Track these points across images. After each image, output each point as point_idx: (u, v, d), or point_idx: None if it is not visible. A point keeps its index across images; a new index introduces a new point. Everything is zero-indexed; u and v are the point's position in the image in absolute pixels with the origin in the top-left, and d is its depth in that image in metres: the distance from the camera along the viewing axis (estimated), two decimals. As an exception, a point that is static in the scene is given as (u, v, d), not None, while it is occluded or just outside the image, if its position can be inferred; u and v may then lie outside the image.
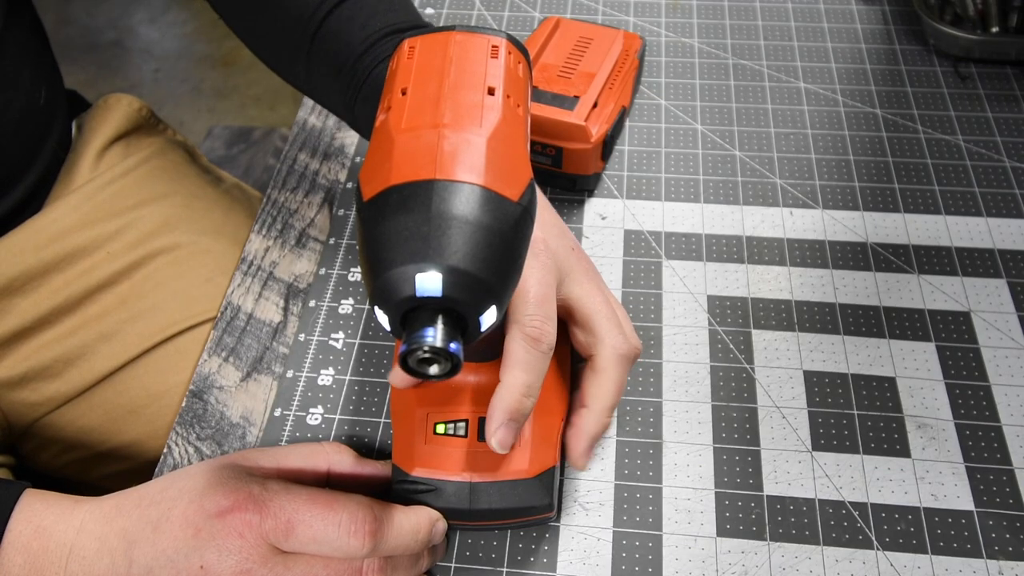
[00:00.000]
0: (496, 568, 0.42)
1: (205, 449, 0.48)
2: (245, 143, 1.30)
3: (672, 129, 0.63)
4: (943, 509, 0.44)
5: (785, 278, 0.54)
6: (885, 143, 0.61)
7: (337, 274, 0.55)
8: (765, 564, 0.42)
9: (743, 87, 0.66)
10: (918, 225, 0.56)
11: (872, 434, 0.46)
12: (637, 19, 0.72)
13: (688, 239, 0.56)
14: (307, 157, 0.63)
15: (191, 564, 0.36)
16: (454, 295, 0.28)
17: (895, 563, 0.42)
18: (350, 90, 0.47)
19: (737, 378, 0.49)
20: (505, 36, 0.36)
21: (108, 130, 0.62)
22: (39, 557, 0.37)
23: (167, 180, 0.63)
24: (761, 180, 0.59)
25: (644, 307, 0.52)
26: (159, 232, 0.60)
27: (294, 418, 0.48)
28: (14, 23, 0.56)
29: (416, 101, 0.32)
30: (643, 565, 0.42)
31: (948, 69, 0.67)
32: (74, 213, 0.58)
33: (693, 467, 0.46)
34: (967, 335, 0.50)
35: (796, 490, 0.44)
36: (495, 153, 0.30)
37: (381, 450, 0.47)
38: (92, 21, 2.09)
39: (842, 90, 0.65)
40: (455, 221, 0.28)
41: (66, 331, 0.56)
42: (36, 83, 0.58)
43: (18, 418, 0.56)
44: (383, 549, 0.37)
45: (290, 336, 0.52)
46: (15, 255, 0.55)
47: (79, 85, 0.74)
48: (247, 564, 0.35)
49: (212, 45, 2.02)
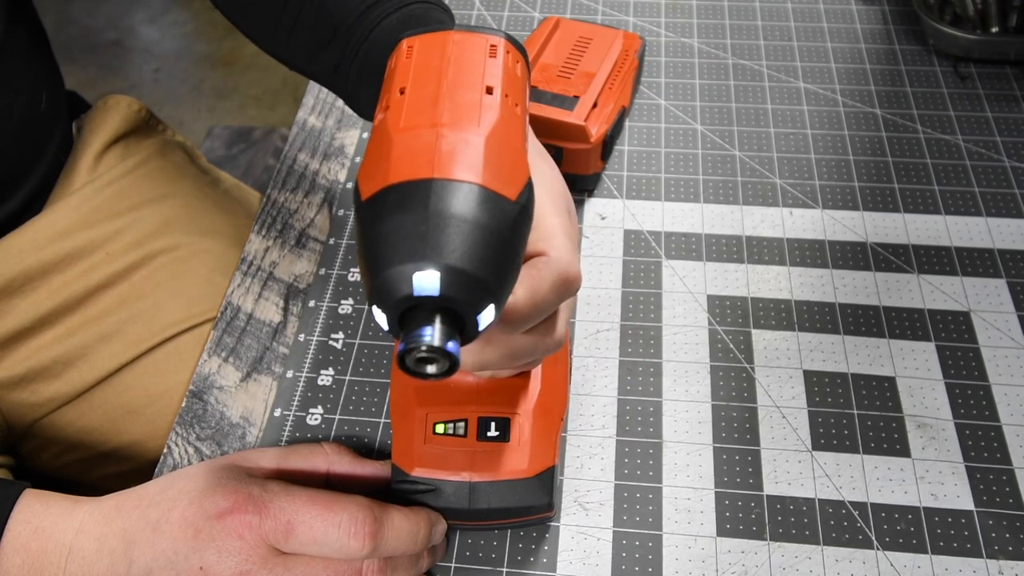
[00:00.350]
0: (496, 568, 0.42)
1: (205, 449, 0.48)
2: (245, 143, 1.31)
3: (672, 129, 0.63)
4: (943, 509, 0.43)
5: (785, 278, 0.54)
6: (885, 143, 0.61)
7: (337, 274, 0.55)
8: (765, 564, 0.42)
9: (743, 87, 0.66)
10: (918, 225, 0.56)
11: (872, 434, 0.46)
12: (637, 19, 0.72)
13: (688, 239, 0.56)
14: (307, 157, 0.63)
15: (191, 565, 0.36)
16: (452, 294, 0.28)
17: (895, 563, 0.42)
18: (347, 51, 0.45)
19: (737, 378, 0.49)
20: (503, 36, 0.36)
21: (107, 131, 0.62)
22: (38, 558, 0.37)
23: (167, 181, 0.63)
24: (761, 180, 0.59)
25: (644, 307, 0.52)
26: (159, 233, 0.60)
27: (294, 418, 0.48)
28: (15, 30, 0.56)
29: (414, 100, 0.32)
30: (643, 565, 0.42)
31: (948, 69, 0.67)
32: (74, 214, 0.58)
33: (693, 467, 0.46)
34: (967, 335, 0.50)
35: (796, 490, 0.44)
36: (493, 152, 0.30)
37: (381, 450, 0.47)
38: (92, 21, 2.09)
39: (842, 90, 0.65)
40: (453, 220, 0.28)
41: (66, 331, 0.56)
42: (37, 88, 0.58)
43: (18, 419, 0.56)
44: (383, 550, 0.37)
45: (290, 336, 0.52)
46: (15, 256, 0.55)
47: (79, 85, 0.74)
48: (247, 565, 0.35)
49: (212, 45, 2.02)
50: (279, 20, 0.48)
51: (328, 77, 0.48)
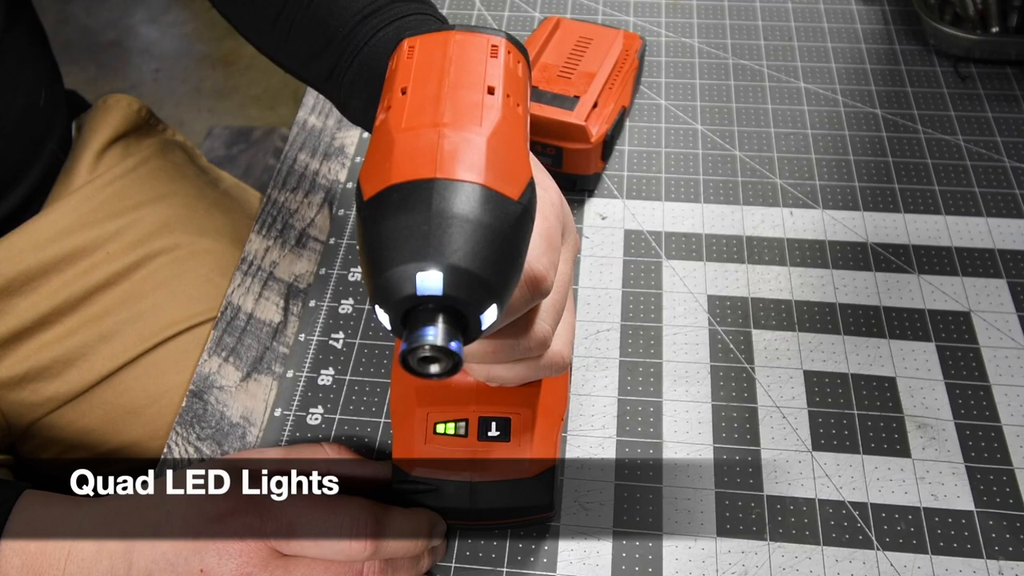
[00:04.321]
0: (496, 568, 0.42)
1: (205, 449, 0.48)
2: (245, 143, 1.31)
3: (672, 129, 0.63)
4: (943, 509, 0.43)
5: (785, 278, 0.54)
6: (885, 143, 0.61)
7: (337, 274, 0.55)
8: (765, 564, 0.42)
9: (743, 87, 0.66)
10: (918, 225, 0.56)
11: (872, 434, 0.46)
12: (637, 19, 0.72)
13: (688, 239, 0.56)
14: (307, 157, 0.63)
15: (191, 567, 0.36)
16: (455, 294, 0.27)
17: (895, 563, 0.42)
18: (341, 60, 0.45)
19: (737, 378, 0.49)
20: (504, 36, 0.36)
21: (107, 131, 0.62)
22: (37, 559, 0.37)
23: (166, 180, 0.63)
24: (761, 180, 0.59)
25: (644, 307, 0.52)
26: (159, 232, 0.60)
27: (294, 418, 0.48)
28: (14, 26, 0.56)
29: (416, 100, 0.32)
30: (643, 565, 0.42)
31: (948, 69, 0.67)
32: (73, 214, 0.58)
33: (693, 467, 0.46)
34: (967, 335, 0.50)
35: (796, 490, 0.44)
36: (495, 152, 0.30)
37: (381, 450, 0.47)
38: (92, 21, 2.09)
39: (842, 90, 0.65)
40: (456, 220, 0.28)
41: (66, 331, 0.56)
42: (36, 85, 0.58)
43: (18, 418, 0.56)
44: (384, 552, 0.37)
45: (290, 336, 0.52)
46: (15, 255, 0.55)
47: (79, 85, 0.74)
48: (247, 568, 0.35)
49: (212, 45, 2.02)
50: (275, 24, 0.48)
51: (321, 84, 0.48)
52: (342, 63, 0.46)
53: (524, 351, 0.36)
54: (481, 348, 0.35)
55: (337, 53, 0.46)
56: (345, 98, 0.47)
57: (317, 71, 0.47)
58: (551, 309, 0.37)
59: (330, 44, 0.46)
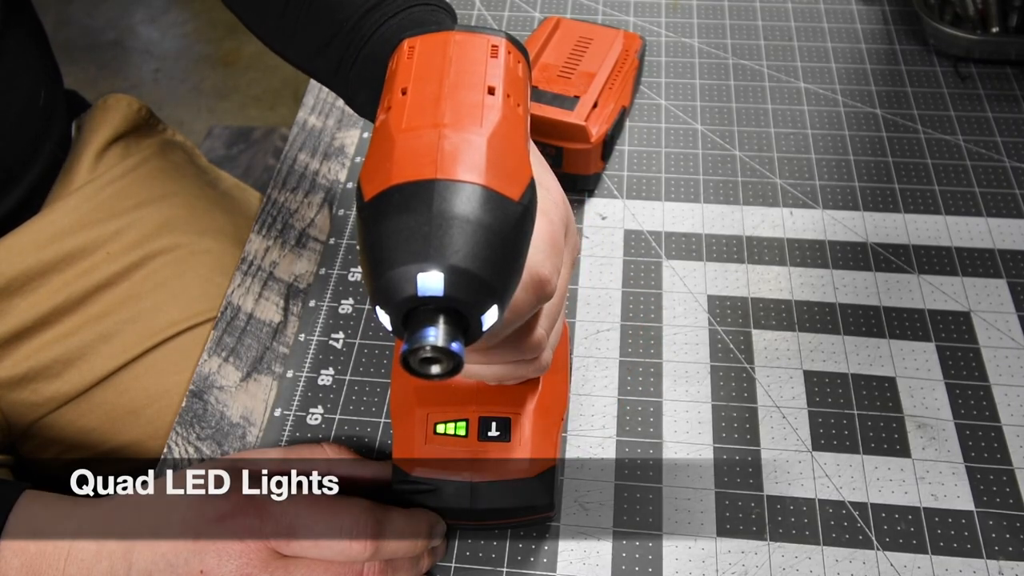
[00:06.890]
0: (496, 568, 0.42)
1: (205, 449, 0.48)
2: (245, 143, 1.31)
3: (672, 129, 0.63)
4: (943, 509, 0.44)
5: (785, 278, 0.54)
6: (885, 143, 0.61)
7: (337, 274, 0.55)
8: (765, 564, 0.42)
9: (743, 87, 0.66)
10: (918, 225, 0.56)
11: (872, 434, 0.46)
12: (637, 19, 0.72)
13: (688, 239, 0.56)
14: (307, 157, 0.63)
15: (191, 569, 0.36)
16: (456, 294, 0.27)
17: (895, 563, 0.42)
18: (348, 52, 0.45)
19: (737, 378, 0.49)
20: (505, 36, 0.36)
21: (107, 131, 0.62)
22: (37, 559, 0.37)
23: (166, 180, 0.63)
24: (761, 180, 0.59)
25: (644, 307, 0.52)
26: (159, 232, 0.60)
27: (294, 418, 0.48)
28: (13, 25, 0.56)
29: (416, 101, 0.32)
30: (643, 565, 0.42)
31: (948, 69, 0.67)
32: (73, 213, 0.58)
33: (693, 467, 0.46)
34: (967, 335, 0.50)
35: (796, 490, 0.44)
36: (496, 153, 0.30)
37: (381, 450, 0.47)
38: (92, 21, 2.09)
39: (842, 90, 0.65)
40: (456, 221, 0.28)
41: (66, 331, 0.56)
42: (35, 84, 0.58)
43: (18, 418, 0.56)
44: (384, 552, 0.37)
45: (290, 336, 0.52)
46: (15, 255, 0.55)
47: (79, 85, 0.74)
48: (247, 569, 0.35)
49: (212, 45, 2.02)
50: (282, 18, 0.48)
51: (329, 77, 0.48)
52: (348, 56, 0.46)
53: (522, 354, 0.36)
54: (480, 349, 0.35)
55: (343, 46, 0.46)
56: (352, 92, 0.47)
57: (325, 65, 0.47)
58: (549, 312, 0.37)
59: (336, 37, 0.46)
